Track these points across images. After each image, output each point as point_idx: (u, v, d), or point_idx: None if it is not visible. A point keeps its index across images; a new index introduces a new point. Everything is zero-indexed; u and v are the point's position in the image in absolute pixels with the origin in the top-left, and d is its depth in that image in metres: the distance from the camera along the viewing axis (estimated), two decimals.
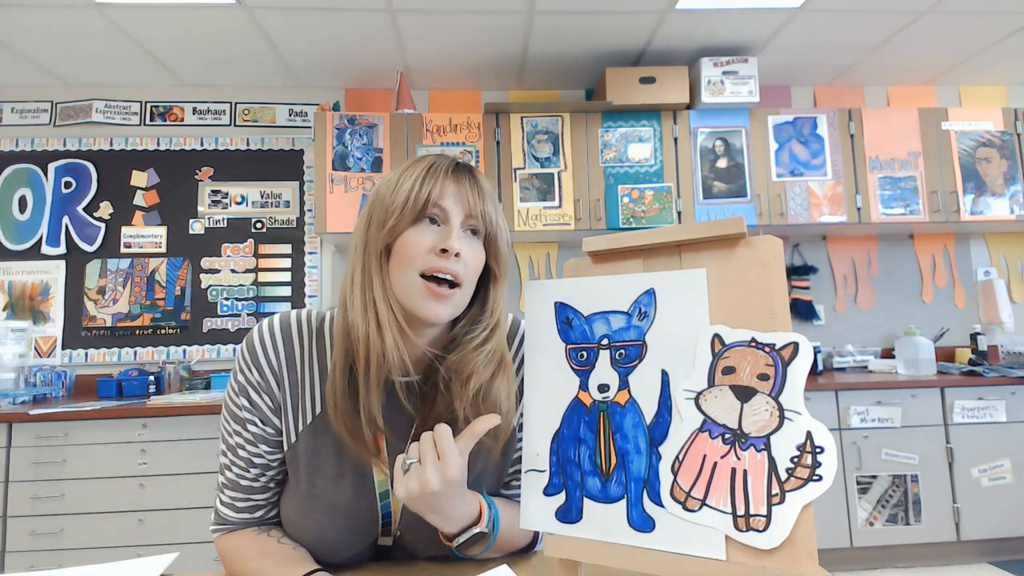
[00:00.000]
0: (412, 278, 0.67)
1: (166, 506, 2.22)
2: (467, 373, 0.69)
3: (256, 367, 0.72)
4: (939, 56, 2.93)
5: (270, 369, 0.73)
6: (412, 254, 0.67)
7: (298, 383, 0.73)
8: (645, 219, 2.73)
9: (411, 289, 0.67)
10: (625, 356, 0.58)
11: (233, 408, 0.74)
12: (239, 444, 0.74)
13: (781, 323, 0.51)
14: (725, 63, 2.75)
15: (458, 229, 0.69)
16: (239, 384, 0.73)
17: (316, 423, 0.72)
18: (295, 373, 0.73)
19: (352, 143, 2.69)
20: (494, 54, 2.78)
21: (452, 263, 0.67)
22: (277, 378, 0.73)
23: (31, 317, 2.83)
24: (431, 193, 0.68)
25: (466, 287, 0.70)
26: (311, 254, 2.99)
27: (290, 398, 0.73)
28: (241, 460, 0.74)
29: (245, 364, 0.73)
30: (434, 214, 0.69)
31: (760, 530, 0.48)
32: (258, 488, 0.75)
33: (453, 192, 0.69)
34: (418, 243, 0.67)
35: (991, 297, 3.09)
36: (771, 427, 0.50)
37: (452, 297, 0.68)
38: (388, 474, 0.73)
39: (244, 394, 0.73)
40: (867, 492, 2.44)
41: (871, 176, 2.82)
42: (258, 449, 0.73)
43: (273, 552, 0.71)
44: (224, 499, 0.76)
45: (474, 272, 0.71)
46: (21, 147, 2.91)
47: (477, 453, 0.71)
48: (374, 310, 0.67)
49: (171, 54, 2.70)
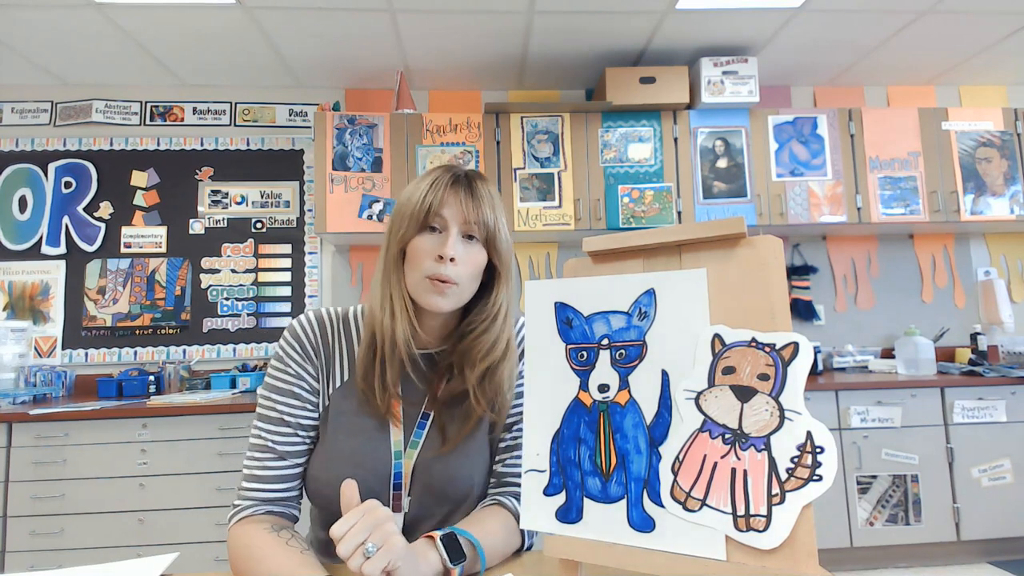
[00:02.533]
0: (419, 278, 0.80)
1: (166, 506, 2.22)
2: (473, 358, 0.83)
3: (299, 343, 0.86)
4: (939, 56, 2.93)
5: (311, 344, 0.87)
6: (418, 259, 0.81)
7: (331, 355, 0.87)
8: (645, 219, 2.73)
9: (418, 286, 0.81)
10: (625, 356, 0.58)
11: (280, 384, 0.84)
12: (287, 413, 0.83)
13: (781, 323, 0.51)
14: (725, 63, 2.75)
15: (455, 236, 0.80)
16: (284, 363, 0.85)
17: (343, 388, 0.86)
18: (329, 348, 0.88)
19: (352, 143, 2.69)
20: (494, 54, 2.78)
21: (448, 268, 0.79)
22: (316, 351, 0.87)
23: (31, 317, 2.83)
24: (432, 205, 0.80)
25: (464, 284, 0.82)
26: (311, 254, 2.99)
27: (325, 368, 0.87)
28: (288, 427, 0.83)
29: (289, 345, 0.86)
30: (436, 223, 0.81)
31: (760, 530, 0.48)
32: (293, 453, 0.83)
33: (451, 203, 0.81)
34: (422, 249, 0.80)
35: (991, 297, 3.09)
36: (771, 427, 0.50)
37: (450, 290, 0.80)
38: (402, 436, 0.84)
39: (292, 370, 0.85)
40: (867, 492, 2.44)
41: (871, 176, 2.82)
42: (304, 414, 0.84)
43: (281, 552, 0.72)
44: (246, 470, 0.82)
45: (472, 271, 0.82)
46: (21, 147, 2.91)
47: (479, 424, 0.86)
48: (390, 302, 0.82)
49: (171, 54, 2.70)
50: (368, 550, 0.58)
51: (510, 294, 0.89)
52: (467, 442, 0.85)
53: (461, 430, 0.84)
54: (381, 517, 0.61)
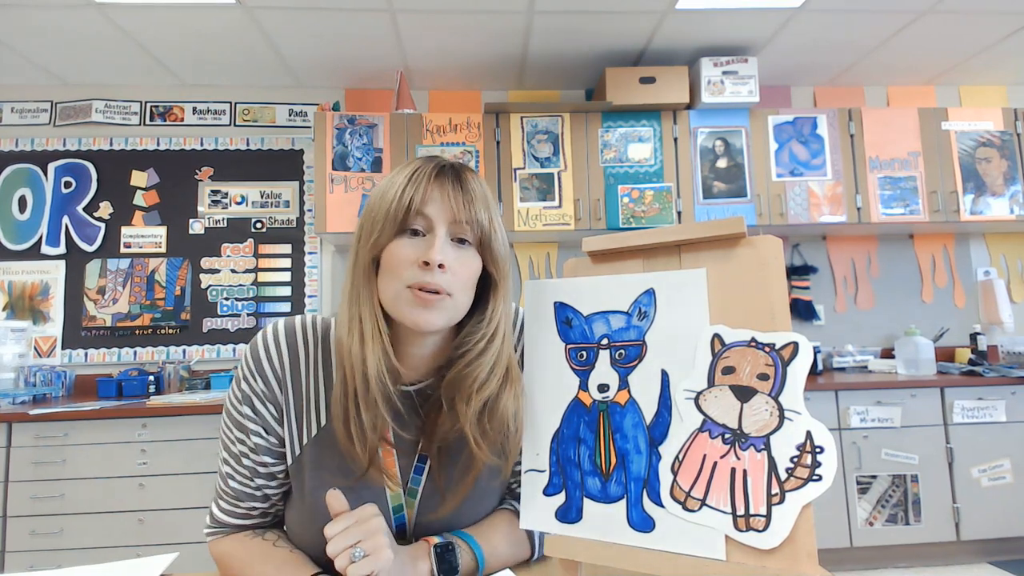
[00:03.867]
0: (398, 289, 0.64)
1: (166, 506, 2.22)
2: (467, 390, 0.66)
3: (260, 375, 0.70)
4: (939, 56, 2.93)
5: (275, 377, 0.71)
6: (396, 268, 0.64)
7: (303, 393, 0.71)
8: (645, 219, 2.73)
9: (398, 299, 0.64)
10: (625, 356, 0.58)
11: (237, 416, 0.72)
12: (243, 453, 0.72)
13: (781, 323, 0.51)
14: (725, 63, 2.75)
15: (443, 239, 0.65)
16: (242, 393, 0.71)
17: (321, 435, 0.70)
18: (299, 382, 0.71)
19: (352, 143, 2.69)
20: (494, 54, 2.78)
21: (437, 276, 0.63)
22: (281, 386, 0.71)
23: (31, 317, 2.83)
24: (412, 201, 0.65)
25: (458, 296, 0.66)
26: (311, 254, 2.99)
27: (294, 408, 0.71)
28: (245, 469, 0.72)
29: (249, 372, 0.71)
30: (417, 224, 0.65)
31: (760, 530, 0.48)
32: (259, 497, 0.74)
33: (437, 198, 0.66)
34: (401, 256, 0.64)
35: (991, 297, 3.09)
36: (771, 427, 0.50)
37: (440, 303, 0.64)
38: (400, 488, 0.71)
39: (248, 403, 0.71)
40: (867, 492, 2.44)
41: (871, 176, 2.82)
42: (261, 459, 0.72)
43: (271, 556, 0.70)
44: (222, 505, 0.75)
45: (465, 281, 0.67)
46: (21, 147, 2.91)
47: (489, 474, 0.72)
48: (359, 325, 0.65)
49: (171, 54, 2.70)
50: (355, 554, 0.57)
51: (508, 308, 0.72)
52: (473, 495, 0.73)
53: (461, 485, 0.71)
54: (374, 527, 0.59)
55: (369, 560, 0.57)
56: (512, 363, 0.69)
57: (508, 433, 0.67)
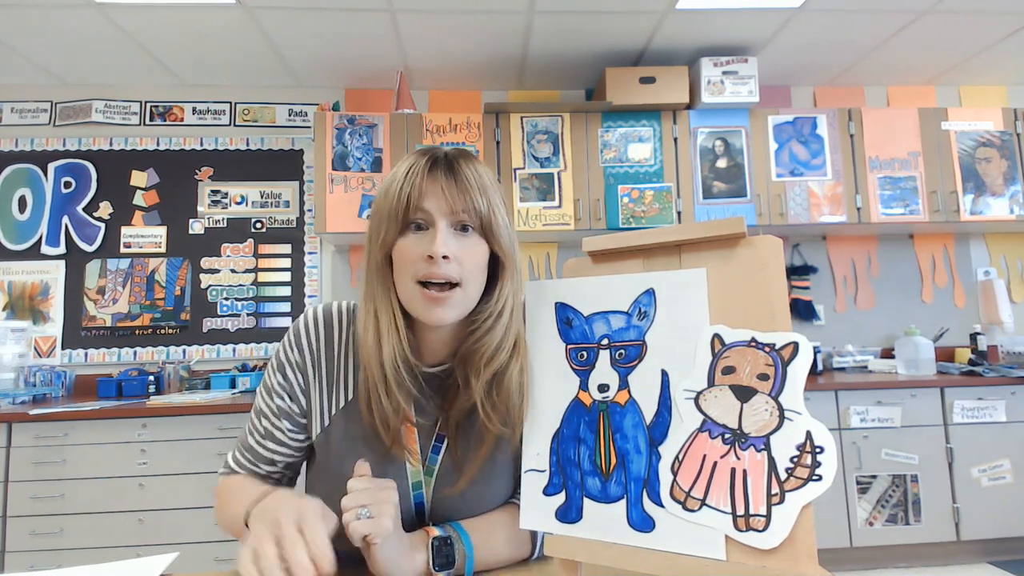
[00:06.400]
0: (410, 286, 0.69)
1: (166, 506, 2.22)
2: (477, 363, 0.71)
3: (298, 347, 0.78)
4: (939, 56, 2.93)
5: (310, 351, 0.78)
6: (405, 263, 0.69)
7: (334, 368, 0.78)
8: (645, 219, 2.73)
9: (412, 297, 0.69)
10: (625, 356, 0.58)
11: (268, 381, 0.80)
12: (263, 413, 0.79)
13: (781, 323, 0.51)
14: (725, 63, 2.75)
15: (445, 231, 0.68)
16: (279, 361, 0.79)
17: (349, 408, 0.76)
18: (332, 359, 0.78)
19: (352, 143, 2.69)
20: (494, 54, 2.78)
21: (443, 267, 0.67)
22: (315, 360, 0.78)
23: (31, 317, 2.83)
24: (410, 198, 0.68)
25: (468, 284, 0.69)
26: (311, 254, 2.99)
27: (326, 382, 0.77)
28: (262, 428, 0.79)
29: (288, 344, 0.79)
30: (419, 219, 0.69)
31: (760, 530, 0.48)
32: (266, 459, 0.80)
33: (434, 192, 0.69)
34: (408, 251, 0.69)
35: (991, 297, 3.09)
36: (771, 427, 0.50)
37: (451, 298, 0.68)
38: (420, 465, 0.76)
39: (281, 370, 0.79)
40: (867, 492, 2.44)
41: (871, 176, 2.82)
42: (280, 424, 0.78)
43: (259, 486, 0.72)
44: (235, 455, 0.82)
45: (473, 268, 0.70)
46: (21, 147, 2.91)
47: (498, 444, 0.75)
48: (374, 320, 0.71)
49: (171, 54, 2.70)
50: (361, 513, 0.59)
51: (516, 286, 0.75)
52: (486, 469, 0.76)
53: (475, 458, 0.74)
54: (385, 497, 0.62)
55: (369, 523, 0.59)
56: (520, 337, 0.71)
57: (513, 404, 0.70)
